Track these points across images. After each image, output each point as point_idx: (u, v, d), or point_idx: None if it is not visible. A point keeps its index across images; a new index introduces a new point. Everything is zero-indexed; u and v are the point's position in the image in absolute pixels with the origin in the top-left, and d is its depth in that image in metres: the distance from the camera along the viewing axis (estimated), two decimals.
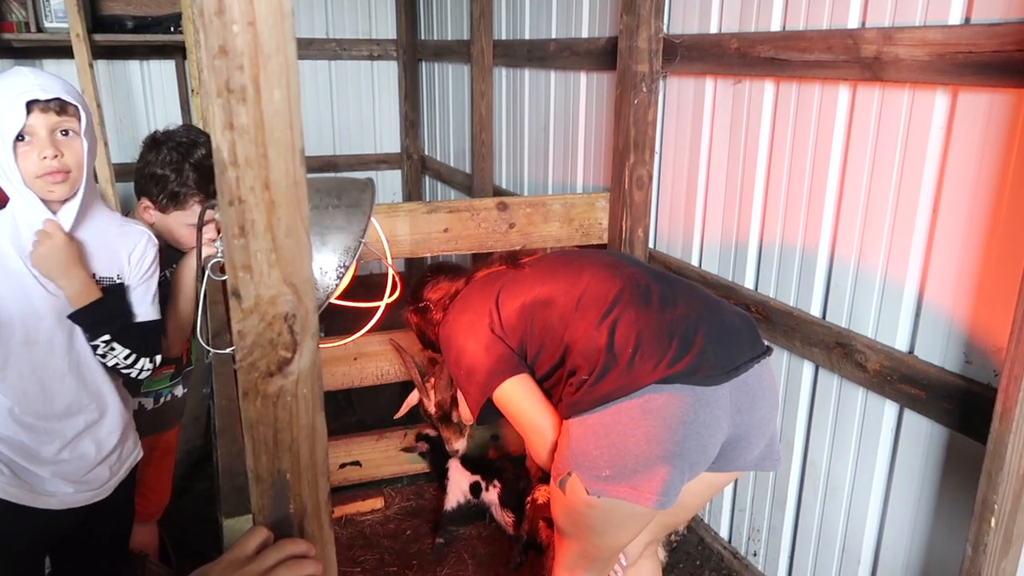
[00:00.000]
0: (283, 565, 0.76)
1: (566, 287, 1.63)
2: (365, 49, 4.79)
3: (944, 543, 1.71)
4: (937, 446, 1.69)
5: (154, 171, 1.78)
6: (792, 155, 1.98)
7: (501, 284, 1.72)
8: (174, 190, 1.78)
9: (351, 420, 3.22)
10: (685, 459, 1.45)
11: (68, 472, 1.52)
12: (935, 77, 1.56)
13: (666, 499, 1.45)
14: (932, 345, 1.67)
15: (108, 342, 1.51)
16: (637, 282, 1.60)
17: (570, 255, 1.80)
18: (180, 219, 1.82)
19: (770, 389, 1.56)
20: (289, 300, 0.71)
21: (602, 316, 1.53)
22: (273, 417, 0.75)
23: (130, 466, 1.69)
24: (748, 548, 2.35)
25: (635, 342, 1.47)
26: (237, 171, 0.67)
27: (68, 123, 1.41)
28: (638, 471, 1.44)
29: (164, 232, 1.87)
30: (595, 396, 1.47)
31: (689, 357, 1.44)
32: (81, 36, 3.53)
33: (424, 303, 1.93)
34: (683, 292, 1.61)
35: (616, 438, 1.44)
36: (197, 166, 1.78)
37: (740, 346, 1.52)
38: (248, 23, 0.63)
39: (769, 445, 1.61)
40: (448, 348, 1.74)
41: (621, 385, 1.44)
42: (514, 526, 2.40)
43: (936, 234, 1.64)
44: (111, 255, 1.54)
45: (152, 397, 1.99)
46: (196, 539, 2.44)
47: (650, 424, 1.42)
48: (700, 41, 2.22)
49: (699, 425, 1.44)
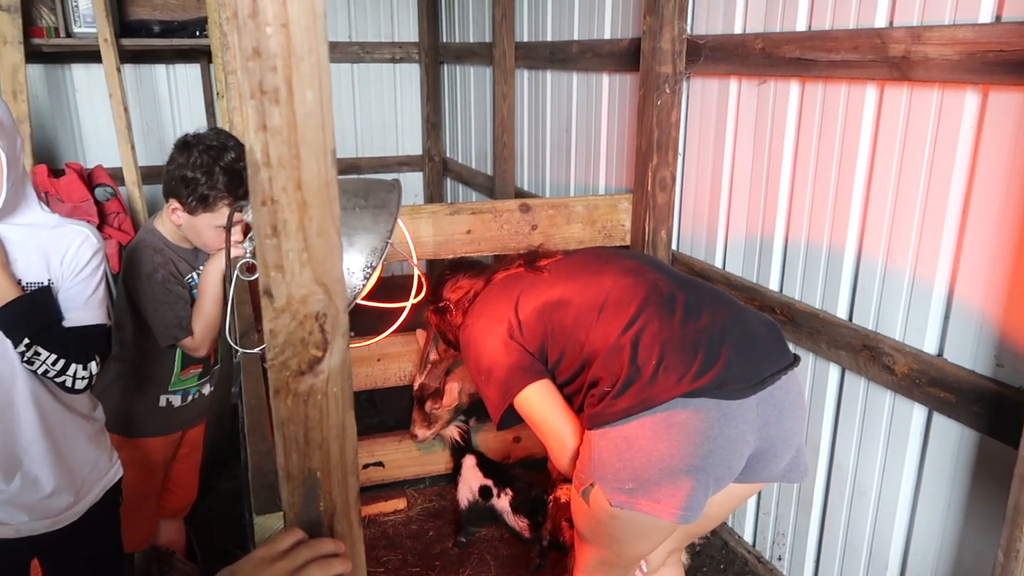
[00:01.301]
0: (313, 563, 0.77)
1: (587, 292, 1.61)
2: (387, 52, 4.82)
3: (975, 549, 1.68)
4: (967, 450, 1.67)
5: (184, 174, 1.80)
6: (818, 156, 1.97)
7: (520, 288, 1.71)
8: (203, 193, 1.79)
9: (374, 421, 3.24)
10: (709, 473, 1.43)
11: (21, 500, 1.47)
12: (965, 76, 1.54)
13: (690, 514, 1.43)
14: (962, 348, 1.65)
15: (29, 345, 1.40)
16: (661, 290, 1.58)
17: (590, 257, 1.79)
18: (208, 221, 1.84)
19: (797, 400, 1.54)
20: (320, 299, 0.72)
21: (625, 326, 1.52)
22: (304, 415, 0.75)
23: (103, 488, 1.61)
24: (773, 552, 2.33)
25: (659, 354, 1.45)
26: (270, 171, 0.67)
27: None
28: (661, 485, 1.42)
29: (191, 234, 1.89)
30: (617, 409, 1.45)
31: (714, 371, 1.42)
32: (109, 41, 3.58)
33: (444, 303, 1.93)
34: (708, 300, 1.59)
35: (639, 452, 1.43)
36: (227, 170, 1.80)
37: (767, 357, 1.50)
38: (281, 25, 0.64)
39: (796, 457, 1.59)
40: (468, 353, 1.74)
41: (644, 399, 1.43)
42: (530, 529, 2.40)
43: (966, 235, 1.62)
44: (41, 258, 1.45)
45: (180, 395, 2.01)
46: (222, 537, 2.46)
47: (673, 438, 1.41)
48: (724, 42, 2.21)
49: (724, 440, 1.43)
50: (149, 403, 1.97)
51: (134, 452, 1.95)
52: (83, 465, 1.55)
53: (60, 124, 4.18)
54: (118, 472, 1.67)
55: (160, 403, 1.99)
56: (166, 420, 2.02)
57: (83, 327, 1.48)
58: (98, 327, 1.51)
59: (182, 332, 1.87)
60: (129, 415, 1.96)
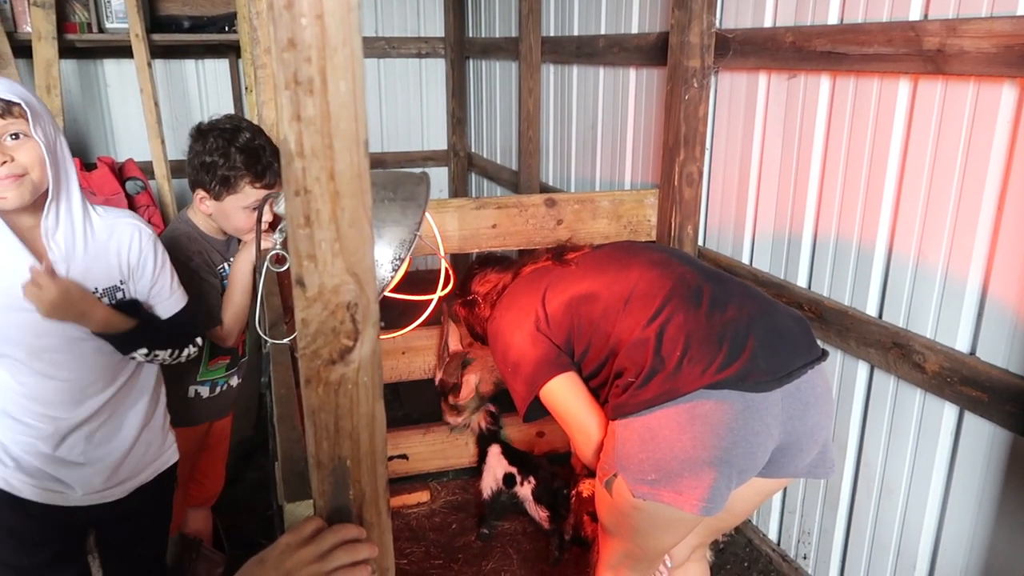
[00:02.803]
0: (339, 548, 0.78)
1: (613, 285, 1.61)
2: (413, 47, 4.83)
3: (1006, 549, 1.66)
4: (999, 450, 1.64)
5: (203, 160, 1.82)
6: (849, 151, 1.94)
7: (548, 281, 1.71)
8: (224, 175, 1.81)
9: (398, 414, 3.26)
10: (732, 466, 1.43)
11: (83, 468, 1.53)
12: (1002, 70, 1.51)
13: (712, 506, 1.43)
14: (995, 346, 1.62)
15: (146, 354, 1.52)
16: (688, 282, 1.57)
17: (618, 251, 1.79)
18: (235, 203, 1.85)
19: (824, 395, 1.52)
20: (352, 289, 0.73)
21: (651, 318, 1.52)
22: (335, 404, 0.76)
23: (155, 471, 1.67)
24: (798, 551, 2.31)
25: (683, 346, 1.45)
26: (303, 162, 0.68)
27: (15, 126, 1.32)
28: (683, 476, 1.42)
29: (222, 220, 1.90)
30: (641, 399, 1.45)
31: (739, 363, 1.42)
32: (140, 36, 3.63)
33: (472, 296, 1.94)
34: (735, 293, 1.58)
35: (662, 443, 1.43)
36: (243, 149, 1.82)
37: (794, 351, 1.49)
38: (316, 16, 0.64)
39: (822, 452, 1.57)
40: (495, 345, 1.75)
41: (668, 389, 1.42)
42: (550, 521, 2.40)
43: (1001, 231, 1.59)
44: (106, 263, 1.49)
45: (208, 386, 2.04)
46: (248, 526, 2.49)
47: (697, 430, 1.40)
48: (753, 35, 2.19)
49: (748, 432, 1.42)
50: (178, 393, 1.99)
51: None
52: (139, 444, 1.61)
53: (92, 118, 4.24)
54: (172, 456, 1.72)
55: (189, 393, 2.01)
56: (194, 411, 2.04)
57: (177, 316, 1.61)
58: (185, 309, 1.64)
59: (212, 322, 1.89)
60: None
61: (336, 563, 0.77)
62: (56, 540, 1.57)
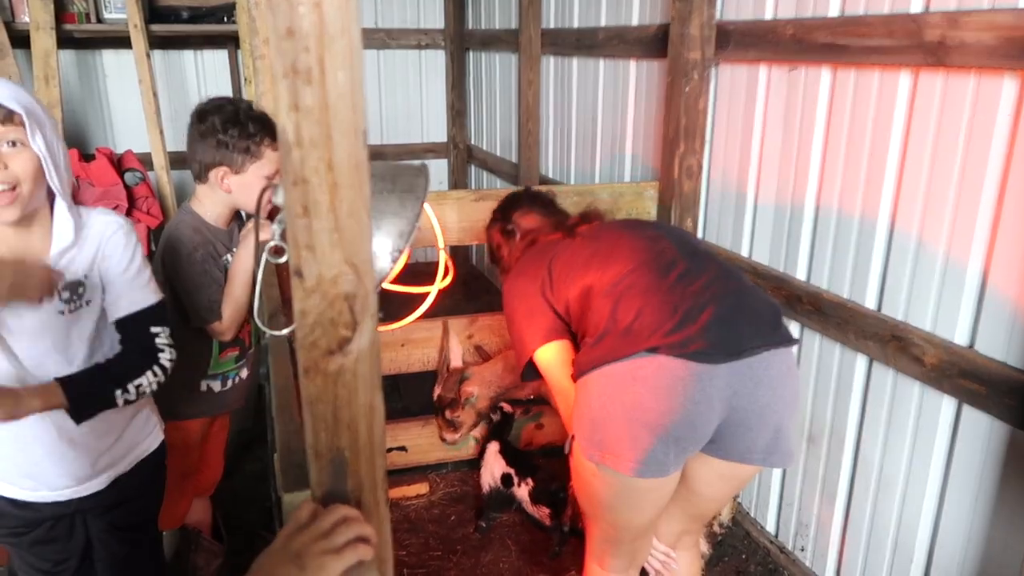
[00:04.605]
0: (342, 525, 0.78)
1: (605, 257, 1.67)
2: (413, 39, 4.81)
3: (1003, 541, 1.66)
4: (997, 443, 1.64)
5: (217, 138, 1.81)
6: (849, 143, 1.94)
7: (556, 251, 1.78)
8: (245, 144, 1.81)
9: (397, 406, 3.25)
10: (669, 432, 1.44)
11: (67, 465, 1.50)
12: (1003, 62, 1.51)
13: (646, 468, 1.46)
14: (994, 339, 1.62)
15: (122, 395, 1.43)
16: (664, 254, 1.62)
17: (624, 227, 1.85)
18: (258, 172, 1.84)
19: (781, 379, 1.51)
20: (350, 280, 0.72)
21: (615, 282, 1.58)
22: (333, 395, 0.76)
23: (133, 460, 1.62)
24: (795, 543, 2.31)
25: (637, 310, 1.50)
26: (301, 151, 0.67)
27: (12, 133, 1.28)
28: (622, 438, 1.46)
29: (243, 195, 1.87)
30: (591, 357, 1.51)
31: (688, 331, 1.44)
32: (139, 27, 3.62)
33: (511, 227, 2.01)
34: (711, 270, 1.59)
35: (606, 401, 1.48)
36: (252, 116, 1.83)
37: (754, 331, 1.49)
38: (314, 5, 0.64)
39: (775, 438, 1.55)
40: (504, 304, 1.83)
41: (613, 348, 1.48)
42: (551, 518, 2.40)
43: (1001, 224, 1.59)
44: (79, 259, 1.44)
45: (220, 380, 2.03)
46: (247, 516, 2.50)
47: (638, 391, 1.44)
48: (754, 27, 2.18)
49: (687, 400, 1.43)
50: (191, 388, 1.98)
51: (175, 433, 1.96)
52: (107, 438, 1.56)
53: (91, 109, 4.23)
54: (151, 445, 1.67)
55: (201, 388, 2.00)
56: (207, 405, 2.03)
57: (139, 313, 1.49)
58: (150, 308, 1.51)
59: (212, 316, 1.88)
60: (171, 399, 1.96)
61: (342, 538, 0.77)
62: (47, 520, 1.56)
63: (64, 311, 1.42)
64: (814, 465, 2.20)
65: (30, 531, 1.55)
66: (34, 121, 1.29)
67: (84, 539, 1.64)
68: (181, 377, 1.96)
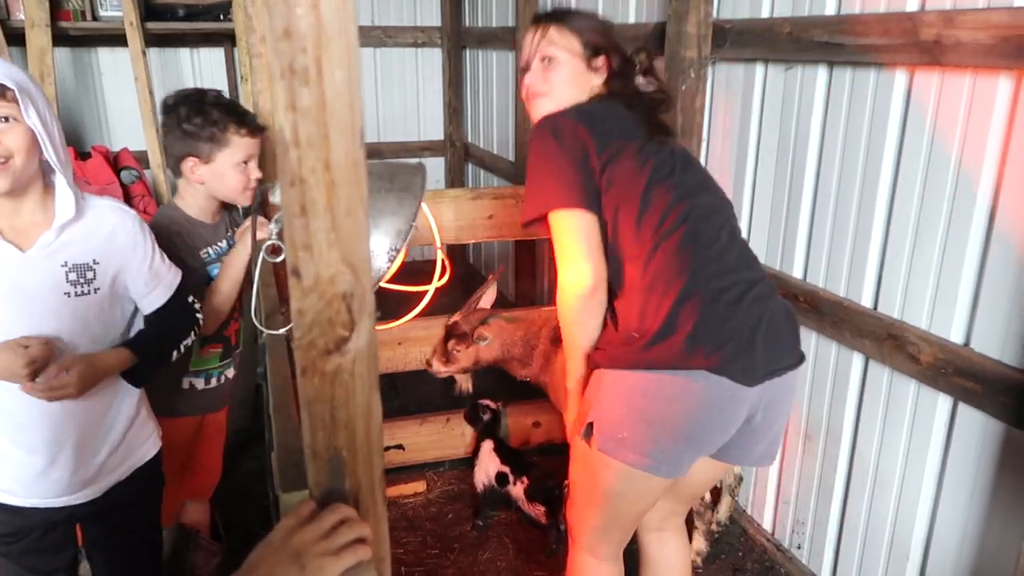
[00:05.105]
0: (342, 525, 0.79)
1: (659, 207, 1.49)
2: (410, 36, 4.81)
3: (998, 540, 1.67)
4: (992, 441, 1.65)
5: (183, 128, 1.82)
6: (846, 141, 1.94)
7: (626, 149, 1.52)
8: (210, 132, 1.82)
9: (394, 405, 3.26)
10: (694, 440, 1.47)
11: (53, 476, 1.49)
12: (998, 61, 1.51)
13: (664, 468, 1.47)
14: (989, 338, 1.63)
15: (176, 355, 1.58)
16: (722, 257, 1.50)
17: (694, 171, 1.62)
18: (227, 160, 1.85)
19: (789, 392, 1.56)
20: (347, 279, 0.72)
21: (672, 280, 1.45)
22: (330, 395, 0.76)
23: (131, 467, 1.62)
24: (792, 540, 2.32)
25: (695, 322, 1.42)
26: (299, 151, 0.67)
27: (4, 109, 1.29)
28: (646, 440, 1.45)
29: (217, 185, 1.88)
30: (644, 358, 1.45)
31: (744, 354, 1.43)
32: (135, 24, 3.61)
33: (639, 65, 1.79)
34: (756, 272, 1.54)
35: (649, 406, 1.45)
36: (215, 104, 1.83)
37: (786, 350, 1.51)
38: (312, 5, 0.64)
39: (771, 444, 1.61)
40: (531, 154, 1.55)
41: (673, 357, 1.43)
42: (547, 516, 2.40)
43: (996, 223, 1.59)
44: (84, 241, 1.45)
45: (203, 377, 2.02)
46: (245, 516, 2.49)
47: (687, 406, 1.43)
48: (751, 26, 2.18)
49: (724, 419, 1.46)
50: (172, 384, 1.98)
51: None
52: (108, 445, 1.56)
53: (86, 107, 4.22)
54: (148, 453, 1.67)
55: (183, 384, 1.99)
56: (189, 402, 2.02)
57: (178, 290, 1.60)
58: (181, 285, 1.62)
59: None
60: (153, 395, 1.97)
61: (342, 539, 0.78)
62: (38, 528, 1.55)
63: (71, 293, 1.43)
64: (810, 463, 2.20)
65: (21, 539, 1.53)
66: (27, 96, 1.29)
67: (74, 551, 1.63)
68: (163, 372, 1.95)
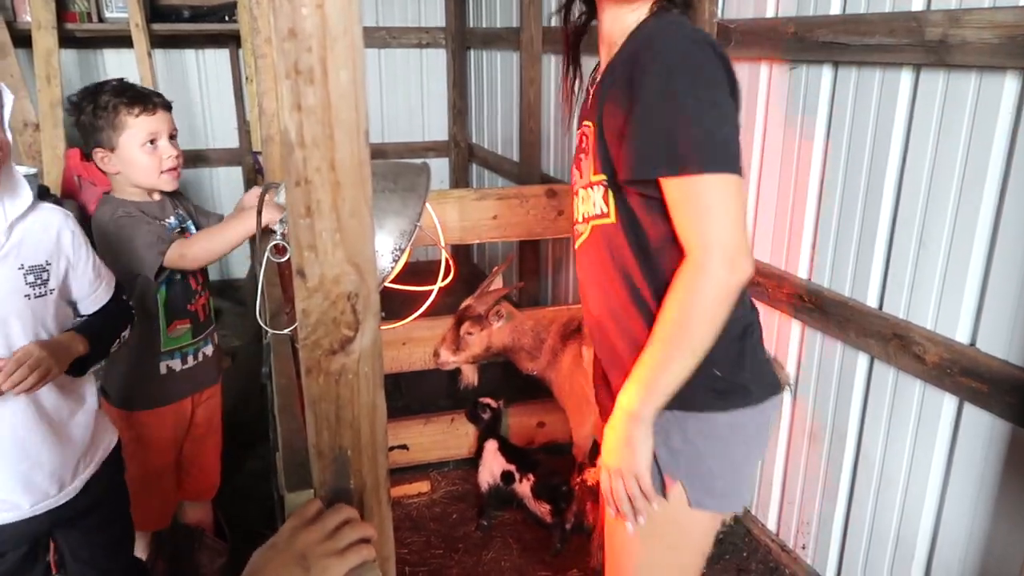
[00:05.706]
0: (346, 526, 0.79)
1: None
2: (414, 37, 4.81)
3: (1004, 539, 1.66)
4: (999, 441, 1.64)
5: (81, 120, 1.82)
6: (851, 141, 1.94)
7: None
8: (102, 116, 1.80)
9: (398, 405, 3.26)
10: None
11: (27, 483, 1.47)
12: (1005, 60, 1.51)
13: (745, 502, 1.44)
14: (995, 337, 1.62)
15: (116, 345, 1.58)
16: None
17: None
18: (129, 142, 1.82)
19: None
20: (352, 279, 0.73)
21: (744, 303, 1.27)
22: (335, 394, 0.76)
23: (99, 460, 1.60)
24: (797, 541, 2.32)
25: (760, 346, 1.32)
26: (304, 151, 0.68)
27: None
28: (745, 480, 1.33)
29: (131, 170, 1.85)
30: (726, 397, 1.24)
31: (776, 370, 1.37)
32: (140, 26, 3.63)
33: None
34: None
35: (737, 448, 1.29)
36: (107, 90, 1.82)
37: None
38: (317, 6, 0.64)
39: None
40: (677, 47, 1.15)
41: (750, 389, 1.26)
42: (552, 514, 2.40)
43: (1002, 222, 1.58)
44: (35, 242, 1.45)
45: (179, 357, 1.97)
46: (250, 515, 2.50)
47: (762, 438, 1.32)
48: (755, 26, 2.18)
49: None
50: (150, 371, 1.94)
51: (143, 428, 1.94)
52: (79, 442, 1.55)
53: None
54: (112, 442, 1.66)
55: (160, 370, 1.96)
56: (171, 387, 1.99)
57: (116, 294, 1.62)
58: (118, 284, 1.64)
59: (165, 244, 1.84)
60: (134, 387, 1.95)
61: (346, 540, 0.78)
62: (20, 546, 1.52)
63: (30, 295, 1.43)
64: (815, 463, 2.20)
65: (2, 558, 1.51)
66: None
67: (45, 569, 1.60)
68: (138, 362, 1.92)
